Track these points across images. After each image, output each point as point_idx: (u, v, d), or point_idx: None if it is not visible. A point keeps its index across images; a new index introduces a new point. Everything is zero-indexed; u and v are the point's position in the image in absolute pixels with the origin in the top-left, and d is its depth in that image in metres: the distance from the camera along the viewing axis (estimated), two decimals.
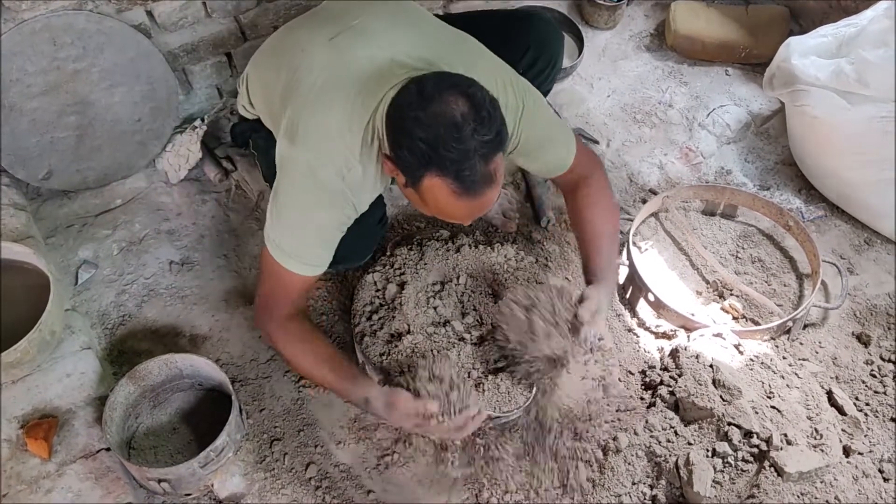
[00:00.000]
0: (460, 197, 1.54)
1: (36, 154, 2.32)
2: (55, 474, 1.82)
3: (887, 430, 2.05)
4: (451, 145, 1.48)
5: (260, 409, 2.07)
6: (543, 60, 2.11)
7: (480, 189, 1.54)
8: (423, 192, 1.57)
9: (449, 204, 1.56)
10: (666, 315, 2.26)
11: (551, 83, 2.22)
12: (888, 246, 2.49)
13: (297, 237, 1.74)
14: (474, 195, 1.54)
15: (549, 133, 1.93)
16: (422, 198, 1.60)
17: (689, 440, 1.95)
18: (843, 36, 2.43)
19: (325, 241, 1.77)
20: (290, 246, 1.74)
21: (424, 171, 1.53)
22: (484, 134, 1.50)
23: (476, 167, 1.51)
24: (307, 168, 1.68)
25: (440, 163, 1.50)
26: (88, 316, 2.22)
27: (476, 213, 1.65)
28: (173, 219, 2.46)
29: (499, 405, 1.87)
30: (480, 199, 1.56)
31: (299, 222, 1.74)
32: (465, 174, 1.51)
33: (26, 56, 2.16)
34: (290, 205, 1.73)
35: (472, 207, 1.59)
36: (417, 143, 1.50)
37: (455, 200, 1.55)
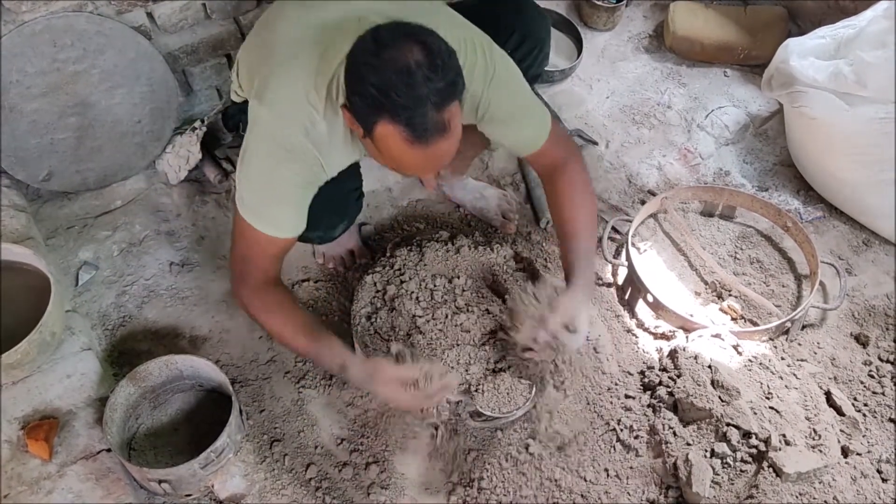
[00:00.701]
0: (412, 145, 1.51)
1: (36, 155, 2.32)
2: (56, 475, 1.82)
3: (885, 431, 2.06)
4: (402, 91, 1.46)
5: (260, 410, 2.08)
6: (530, 42, 2.08)
7: (433, 137, 1.51)
8: (378, 140, 1.54)
9: (402, 153, 1.54)
10: (665, 316, 2.26)
11: (539, 67, 2.19)
12: (887, 247, 2.50)
13: (265, 196, 1.73)
14: (426, 143, 1.51)
15: (523, 105, 1.90)
16: (377, 147, 1.57)
17: (687, 441, 1.95)
18: (842, 37, 2.43)
19: (292, 200, 1.74)
20: (258, 205, 1.73)
21: (377, 117, 1.50)
22: (437, 81, 1.47)
23: (428, 114, 1.48)
24: (272, 126, 1.68)
25: (392, 109, 1.48)
26: (89, 317, 2.22)
27: (431, 166, 1.63)
28: (173, 220, 2.47)
29: (498, 406, 1.88)
30: (433, 148, 1.53)
31: (266, 180, 1.72)
32: (417, 121, 1.48)
33: (26, 57, 2.17)
34: (256, 163, 1.72)
35: (425, 157, 1.55)
36: (369, 89, 1.48)
37: (408, 149, 1.52)
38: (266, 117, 1.68)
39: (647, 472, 1.98)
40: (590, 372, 2.16)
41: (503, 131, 1.92)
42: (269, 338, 2.19)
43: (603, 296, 2.37)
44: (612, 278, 2.41)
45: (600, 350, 2.22)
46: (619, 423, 2.06)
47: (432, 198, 2.57)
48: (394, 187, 2.59)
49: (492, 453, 1.98)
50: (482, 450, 2.00)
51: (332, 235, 2.15)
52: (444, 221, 2.51)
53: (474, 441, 2.01)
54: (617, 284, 2.40)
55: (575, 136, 2.74)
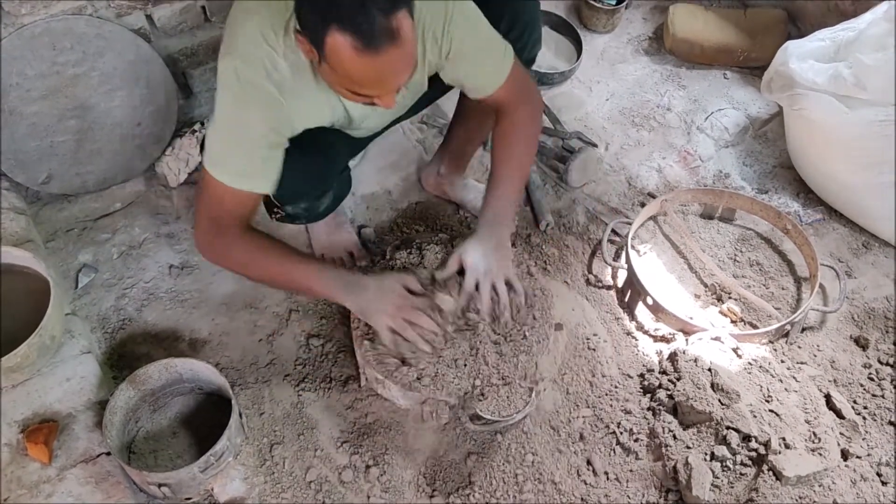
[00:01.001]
0: (362, 53, 1.48)
1: (36, 158, 2.32)
2: (55, 479, 1.82)
3: (885, 434, 2.06)
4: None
5: (260, 413, 2.07)
6: (521, 25, 2.07)
7: (382, 44, 1.48)
8: (330, 56, 1.51)
9: (353, 64, 1.50)
10: (664, 318, 2.26)
11: (532, 50, 2.17)
12: (886, 249, 2.50)
13: (232, 147, 1.71)
14: (375, 50, 1.48)
15: (486, 40, 1.88)
16: (331, 67, 1.54)
17: (687, 444, 1.95)
18: (841, 40, 2.43)
19: (259, 151, 1.72)
20: (225, 159, 1.72)
21: (325, 28, 1.48)
22: None
23: (375, 19, 1.46)
24: (235, 74, 1.66)
25: (338, 16, 1.46)
26: (88, 320, 2.22)
27: (385, 80, 1.58)
28: (173, 222, 2.47)
29: (498, 410, 1.88)
30: (384, 57, 1.49)
31: (231, 130, 1.71)
32: (364, 27, 1.46)
33: (26, 60, 2.17)
34: (222, 114, 1.71)
35: (377, 68, 1.52)
36: (318, 1, 1.48)
37: (358, 58, 1.49)
38: (228, 66, 1.67)
39: (647, 476, 1.98)
40: (587, 374, 2.17)
41: (467, 69, 1.89)
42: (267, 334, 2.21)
43: (602, 298, 2.37)
44: (611, 281, 2.41)
45: (600, 352, 2.22)
46: (619, 427, 2.06)
47: (431, 200, 2.57)
48: (393, 190, 2.59)
49: (491, 456, 1.99)
50: (482, 453, 2.00)
51: (319, 209, 2.12)
52: (444, 223, 2.51)
53: (474, 444, 2.02)
54: (617, 287, 2.40)
55: (574, 138, 2.74)
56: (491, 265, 1.90)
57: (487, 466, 1.97)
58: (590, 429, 2.07)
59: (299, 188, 1.93)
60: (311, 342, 2.22)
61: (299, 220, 2.16)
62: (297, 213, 2.08)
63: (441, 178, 2.51)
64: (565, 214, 2.57)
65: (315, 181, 2.00)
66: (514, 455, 1.99)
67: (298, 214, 2.10)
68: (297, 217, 2.12)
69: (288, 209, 2.03)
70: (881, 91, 2.26)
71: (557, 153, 2.68)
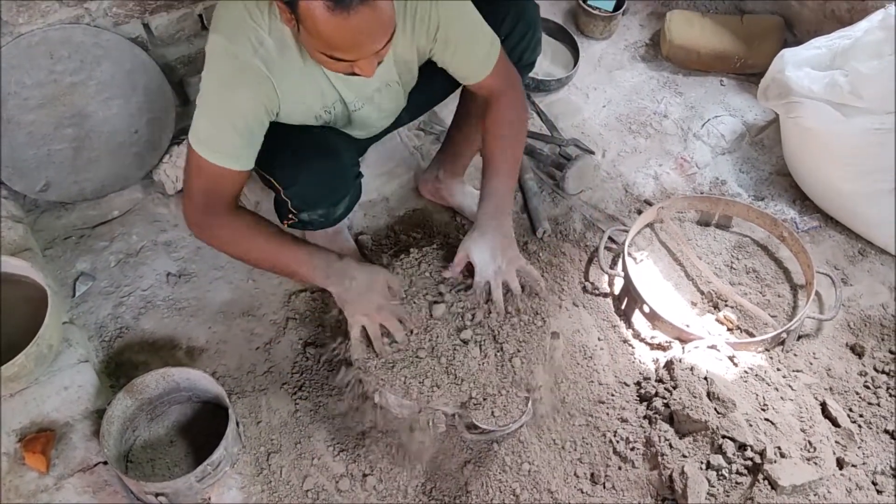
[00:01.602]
0: (334, 13, 1.46)
1: (33, 166, 2.33)
2: (53, 488, 1.83)
3: (881, 442, 2.06)
4: None
5: (257, 422, 2.08)
6: (523, 26, 2.08)
7: (353, 3, 1.46)
8: (304, 20, 1.51)
9: (327, 25, 1.49)
10: (661, 326, 2.27)
11: (534, 52, 2.19)
12: (882, 256, 2.51)
13: (215, 123, 1.71)
14: (347, 10, 1.46)
15: (474, 25, 1.89)
16: (307, 30, 1.53)
17: (683, 452, 1.96)
18: (837, 48, 2.44)
19: (243, 128, 1.72)
20: (208, 134, 1.71)
21: None
22: None
23: None
24: (222, 50, 1.67)
25: None
26: (86, 328, 2.22)
27: (359, 41, 1.56)
28: (170, 230, 2.47)
29: (495, 419, 1.88)
30: (357, 16, 1.48)
31: (218, 107, 1.71)
32: None
33: (24, 69, 2.17)
34: (209, 91, 1.72)
35: (351, 29, 1.50)
36: None
37: (331, 19, 1.47)
38: (216, 44, 1.67)
39: (644, 484, 1.99)
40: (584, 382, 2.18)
41: (458, 54, 1.90)
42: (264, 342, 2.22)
43: (599, 306, 2.38)
44: (608, 288, 2.42)
45: (596, 361, 2.22)
46: (616, 435, 2.07)
47: (429, 207, 2.57)
48: (390, 197, 2.60)
49: (488, 465, 1.99)
50: (478, 462, 2.00)
51: (335, 216, 2.09)
52: (441, 231, 2.52)
53: (471, 453, 2.02)
54: (613, 294, 2.40)
55: (571, 145, 2.75)
56: (500, 264, 1.90)
57: (484, 475, 1.98)
58: (586, 437, 2.07)
59: (319, 195, 1.94)
60: (308, 350, 2.22)
61: (312, 227, 2.13)
62: (312, 220, 2.04)
63: (439, 183, 2.51)
64: (562, 222, 2.58)
65: (333, 187, 1.99)
66: (510, 464, 2.00)
67: (314, 221, 2.06)
68: (311, 224, 2.08)
69: (304, 216, 2.00)
70: (877, 99, 2.27)
71: (554, 160, 2.68)
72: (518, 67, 2.14)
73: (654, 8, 3.32)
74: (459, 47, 1.88)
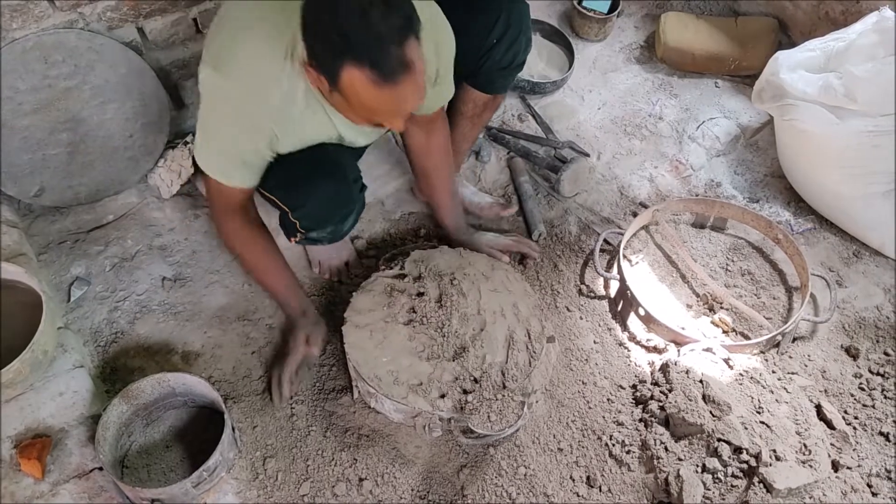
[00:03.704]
0: (379, 86, 1.51)
1: (28, 171, 2.32)
2: (49, 494, 1.82)
3: (876, 444, 2.07)
4: (363, 32, 1.46)
5: (253, 427, 2.07)
6: (515, 28, 2.11)
7: (398, 76, 1.51)
8: (345, 89, 1.54)
9: (370, 96, 1.54)
10: (656, 329, 2.27)
11: (525, 53, 2.20)
12: (877, 258, 2.51)
13: (220, 157, 1.84)
14: (393, 82, 1.51)
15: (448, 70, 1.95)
16: (346, 97, 1.57)
17: (679, 456, 1.96)
18: (832, 50, 2.44)
19: (244, 164, 1.84)
20: (215, 166, 1.85)
21: (340, 63, 1.50)
22: (393, 18, 1.48)
23: (390, 52, 1.48)
24: (225, 93, 1.71)
25: (354, 51, 1.48)
26: (81, 333, 2.22)
27: (400, 107, 1.62)
28: (165, 234, 2.46)
29: (490, 424, 1.88)
30: (400, 87, 1.53)
31: (219, 141, 1.81)
32: (381, 60, 1.49)
33: (18, 74, 2.16)
34: (209, 126, 1.80)
35: (393, 98, 1.56)
36: (330, 36, 1.49)
37: (375, 91, 1.52)
38: (221, 86, 1.70)
39: (639, 487, 1.99)
40: (579, 385, 2.18)
41: (438, 90, 1.98)
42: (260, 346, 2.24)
43: (595, 309, 2.38)
44: (604, 291, 2.42)
45: (592, 364, 2.23)
46: (611, 438, 2.07)
47: (425, 210, 2.57)
48: (386, 200, 2.60)
49: (484, 469, 1.99)
50: (474, 466, 2.00)
51: (342, 231, 2.15)
52: (436, 234, 2.52)
53: (467, 457, 2.02)
54: (609, 297, 2.40)
55: (567, 147, 2.75)
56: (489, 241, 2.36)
57: (480, 479, 1.98)
58: (582, 441, 2.08)
59: (327, 215, 2.00)
60: None
61: (321, 243, 2.21)
62: (320, 237, 2.12)
63: None
64: (557, 224, 2.58)
65: (341, 205, 2.03)
66: (506, 468, 2.00)
67: (321, 238, 2.14)
68: (319, 241, 2.16)
69: (313, 235, 2.06)
70: (871, 101, 2.27)
71: (549, 163, 2.68)
72: (510, 68, 2.17)
73: (649, 10, 3.32)
74: (442, 76, 1.95)
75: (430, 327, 2.00)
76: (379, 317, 2.06)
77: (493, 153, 2.75)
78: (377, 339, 2.01)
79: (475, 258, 2.19)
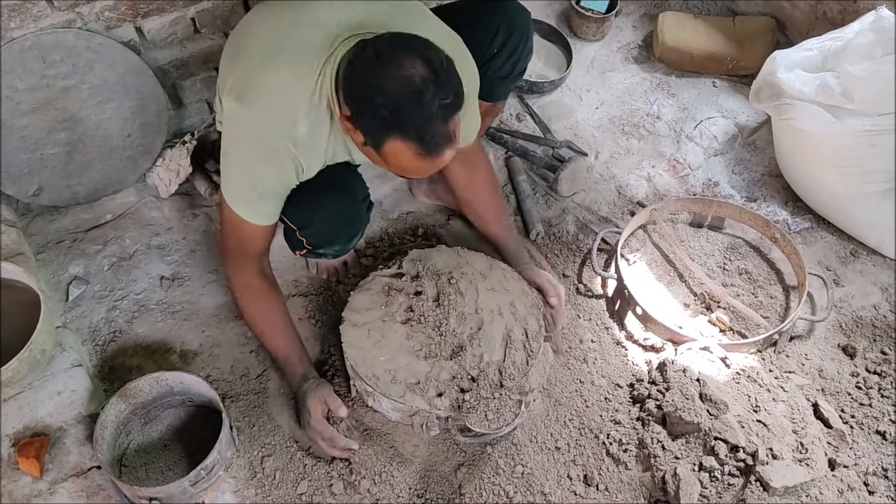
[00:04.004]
0: (423, 158, 1.57)
1: (26, 170, 2.33)
2: (47, 493, 1.83)
3: (872, 443, 2.07)
4: (415, 111, 1.51)
5: (251, 426, 2.08)
6: (516, 37, 2.12)
7: (441, 150, 1.58)
8: (386, 154, 1.60)
9: (411, 165, 1.60)
10: (654, 328, 2.28)
11: (526, 61, 2.23)
12: (874, 257, 2.52)
13: (247, 192, 1.82)
14: (436, 156, 1.58)
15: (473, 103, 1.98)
16: (384, 159, 1.62)
17: (676, 454, 1.97)
18: (829, 49, 2.45)
19: (271, 196, 1.84)
20: (239, 200, 1.83)
21: (387, 135, 1.55)
22: (444, 97, 1.52)
23: (438, 130, 1.54)
24: (254, 128, 1.72)
25: (403, 128, 1.53)
26: (79, 332, 2.22)
27: (436, 169, 1.68)
28: (164, 233, 2.47)
29: (488, 423, 1.88)
30: (441, 158, 1.60)
31: (248, 180, 1.80)
32: (428, 137, 1.54)
33: (16, 74, 2.17)
34: (236, 163, 1.81)
35: (432, 166, 1.62)
36: (380, 111, 1.52)
37: (417, 162, 1.58)
38: (247, 118, 1.71)
39: (636, 486, 2.00)
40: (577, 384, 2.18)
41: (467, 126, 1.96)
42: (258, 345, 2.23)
43: (592, 308, 2.38)
44: (601, 290, 2.42)
45: (589, 363, 2.23)
46: (609, 437, 2.07)
47: (422, 210, 2.58)
48: (384, 200, 2.60)
49: (482, 468, 1.99)
50: (472, 465, 2.01)
51: (348, 248, 2.18)
52: (433, 234, 2.52)
53: (464, 456, 2.02)
54: (606, 296, 2.41)
55: (565, 146, 2.76)
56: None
57: (478, 478, 1.98)
58: (579, 439, 2.08)
59: (335, 234, 2.01)
60: None
61: (326, 258, 2.23)
62: (326, 254, 2.12)
63: (434, 182, 2.52)
64: (555, 223, 2.58)
65: (349, 224, 2.04)
66: (504, 467, 2.00)
67: (327, 254, 2.13)
68: (325, 256, 2.15)
69: (319, 251, 2.05)
70: (868, 101, 2.28)
71: (547, 162, 2.69)
72: (511, 77, 2.18)
73: (647, 9, 3.33)
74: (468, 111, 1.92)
75: (428, 326, 2.01)
76: (377, 316, 2.06)
77: (491, 152, 2.75)
78: (375, 338, 2.01)
79: (473, 257, 2.19)
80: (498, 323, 2.03)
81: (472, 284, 2.08)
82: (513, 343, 2.01)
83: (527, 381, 1.98)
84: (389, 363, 1.97)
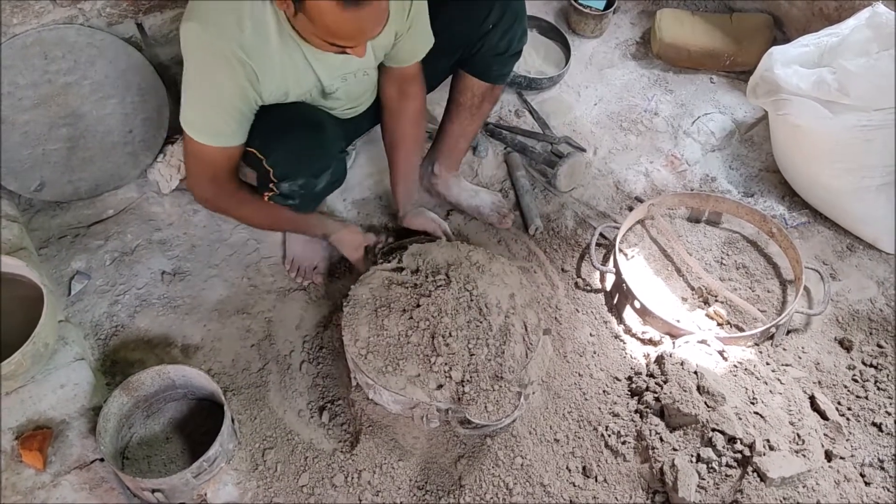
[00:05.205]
0: (345, 7, 1.55)
1: (28, 166, 2.34)
2: (50, 485, 1.84)
3: (869, 435, 2.09)
4: None
5: (252, 418, 2.09)
6: (510, 16, 2.14)
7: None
8: (310, 10, 1.58)
9: (335, 18, 1.58)
10: (652, 322, 2.29)
11: (520, 42, 2.24)
12: (870, 252, 2.53)
13: (204, 110, 1.83)
14: (356, 5, 1.55)
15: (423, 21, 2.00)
16: (310, 19, 1.61)
17: (674, 446, 1.98)
18: (825, 45, 2.46)
19: (229, 109, 1.83)
20: (199, 120, 1.84)
21: None
22: None
23: None
24: (200, 38, 1.73)
25: None
26: (81, 326, 2.23)
27: (364, 31, 1.66)
28: (165, 229, 2.48)
29: (487, 414, 1.90)
30: (365, 10, 1.57)
31: (202, 93, 1.81)
32: None
33: (18, 69, 2.18)
34: (192, 79, 1.81)
35: (358, 21, 1.60)
36: None
37: (341, 12, 1.56)
38: (196, 31, 1.73)
39: (635, 477, 2.01)
40: (575, 377, 2.20)
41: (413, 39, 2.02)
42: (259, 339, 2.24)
43: (591, 302, 2.40)
44: (600, 284, 2.44)
45: (588, 356, 2.24)
46: (607, 429, 2.09)
47: (422, 205, 2.59)
48: (384, 195, 2.61)
49: (481, 460, 2.01)
50: (472, 456, 2.02)
51: (315, 189, 2.07)
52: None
53: (464, 448, 2.04)
54: (605, 290, 2.42)
55: (563, 142, 2.77)
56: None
57: (477, 470, 2.00)
58: (578, 431, 2.09)
59: (300, 163, 1.98)
60: (305, 345, 2.24)
61: (293, 201, 2.12)
62: (292, 192, 2.04)
63: (435, 178, 2.53)
64: (554, 219, 2.60)
65: (315, 156, 2.01)
66: (503, 458, 2.02)
67: (294, 193, 2.05)
68: (291, 197, 2.06)
69: (284, 187, 1.99)
70: (864, 96, 2.29)
71: (546, 158, 2.70)
72: (505, 57, 2.20)
73: (645, 6, 3.34)
74: (416, 23, 1.97)
75: (428, 319, 2.02)
76: (377, 309, 2.07)
77: (490, 148, 2.77)
78: (375, 331, 2.03)
79: (472, 251, 2.20)
80: (497, 315, 2.04)
81: (472, 278, 2.09)
82: (512, 336, 2.02)
83: (526, 374, 2.00)
84: (390, 356, 1.98)
